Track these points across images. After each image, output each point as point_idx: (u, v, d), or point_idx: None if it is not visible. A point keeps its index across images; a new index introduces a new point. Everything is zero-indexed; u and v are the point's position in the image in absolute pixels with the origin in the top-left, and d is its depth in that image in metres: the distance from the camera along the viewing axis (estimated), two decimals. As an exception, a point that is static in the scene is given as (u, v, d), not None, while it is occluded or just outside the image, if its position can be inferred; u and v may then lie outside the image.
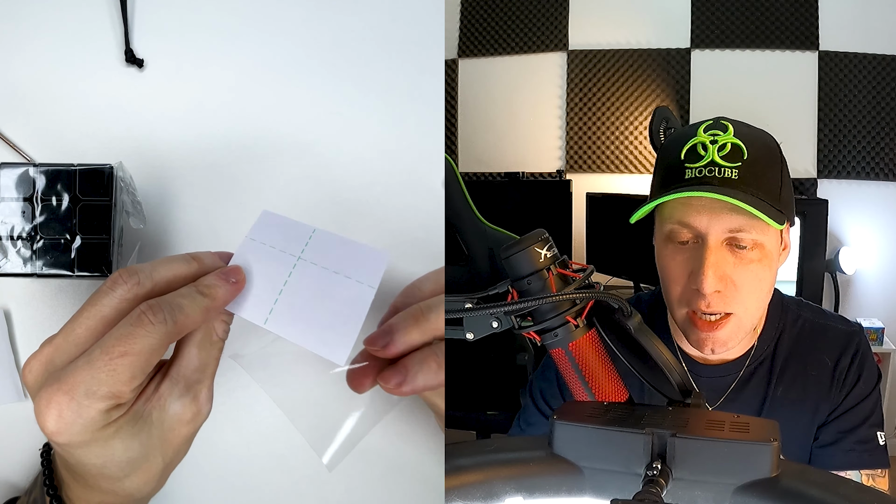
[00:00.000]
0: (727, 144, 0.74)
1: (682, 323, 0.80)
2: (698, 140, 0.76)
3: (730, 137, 0.75)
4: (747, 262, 0.76)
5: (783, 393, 0.86)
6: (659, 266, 0.82)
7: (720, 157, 0.74)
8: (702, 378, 0.88)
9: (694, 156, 0.75)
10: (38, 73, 0.70)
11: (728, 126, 0.76)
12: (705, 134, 0.76)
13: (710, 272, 0.74)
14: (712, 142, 0.75)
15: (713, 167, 0.74)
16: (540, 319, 0.55)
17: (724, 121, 0.77)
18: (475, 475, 0.49)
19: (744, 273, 0.76)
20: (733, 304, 0.77)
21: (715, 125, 0.77)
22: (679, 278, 0.78)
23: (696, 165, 0.75)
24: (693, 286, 0.76)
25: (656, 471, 0.44)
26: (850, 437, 0.85)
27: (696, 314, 0.78)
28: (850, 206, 2.77)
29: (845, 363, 0.87)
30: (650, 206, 0.78)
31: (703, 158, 0.75)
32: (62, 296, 0.68)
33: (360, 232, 0.71)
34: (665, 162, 0.79)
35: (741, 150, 0.74)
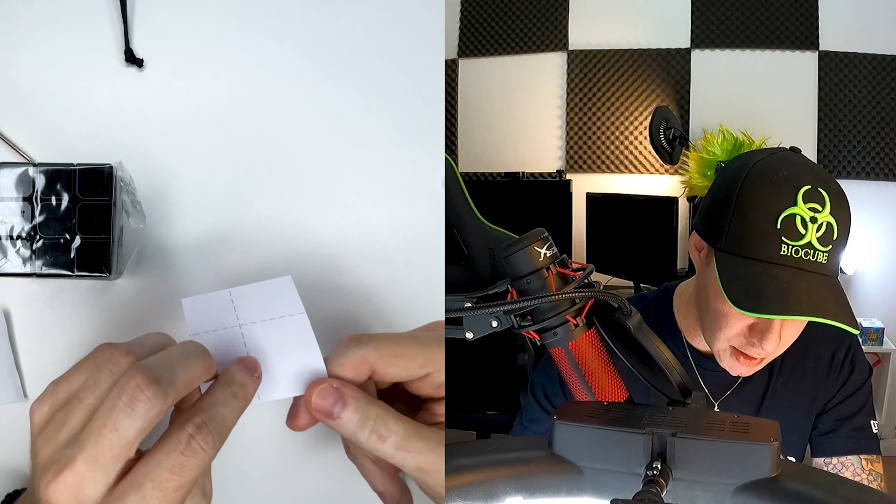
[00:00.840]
0: (824, 224, 0.72)
1: (722, 353, 0.82)
2: (798, 212, 0.72)
3: (827, 216, 0.72)
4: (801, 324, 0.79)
5: (783, 385, 0.91)
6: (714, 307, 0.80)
7: (817, 238, 0.71)
8: (708, 373, 0.91)
9: (792, 231, 0.71)
10: (38, 73, 0.70)
11: (826, 200, 0.72)
12: (805, 207, 0.72)
13: (776, 338, 0.77)
14: (812, 219, 0.72)
15: (810, 250, 0.71)
16: (539, 318, 0.55)
17: (822, 191, 0.73)
18: (475, 475, 0.49)
19: (796, 328, 0.79)
20: (778, 351, 0.81)
21: (815, 196, 0.72)
22: (737, 326, 0.78)
23: (794, 244, 0.71)
24: (753, 338, 0.78)
25: (656, 471, 0.44)
26: (847, 425, 0.91)
27: (741, 351, 0.80)
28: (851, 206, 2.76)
29: (840, 356, 0.92)
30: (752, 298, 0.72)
31: (802, 238, 0.71)
32: (62, 296, 0.68)
33: (360, 232, 0.71)
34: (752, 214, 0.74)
35: (833, 230, 0.72)
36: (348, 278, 0.70)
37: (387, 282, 0.70)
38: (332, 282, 0.70)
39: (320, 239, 0.70)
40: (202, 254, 0.69)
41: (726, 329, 0.79)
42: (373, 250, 0.71)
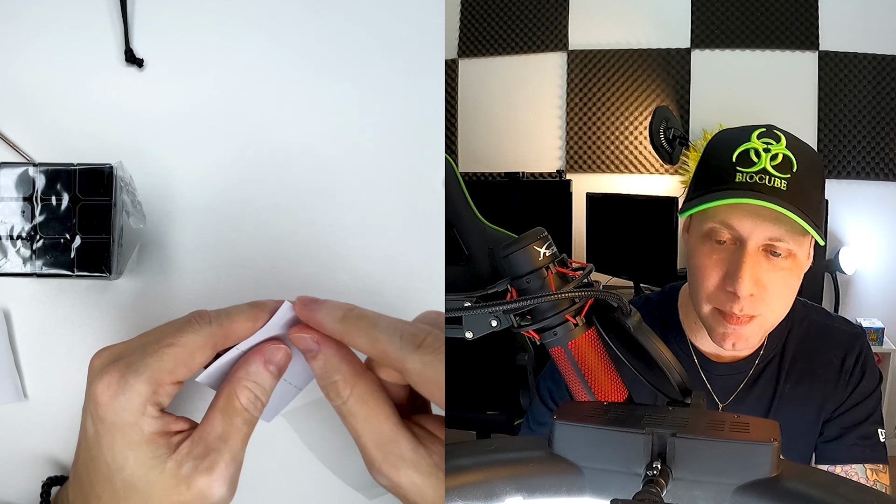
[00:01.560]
0: (779, 155, 0.75)
1: (708, 317, 0.82)
2: (752, 146, 0.76)
3: (782, 148, 0.76)
4: (779, 269, 0.78)
5: (791, 390, 0.89)
6: (691, 261, 0.83)
7: (772, 165, 0.75)
8: (714, 375, 0.90)
9: (746, 160, 0.76)
10: (38, 73, 0.70)
11: (781, 137, 0.77)
12: (759, 141, 0.77)
13: (747, 276, 0.76)
14: (765, 150, 0.76)
15: (764, 175, 0.75)
16: (539, 318, 0.55)
17: (777, 131, 0.78)
18: (475, 475, 0.49)
19: (775, 279, 0.78)
20: (762, 307, 0.79)
21: (768, 133, 0.78)
22: (712, 276, 0.79)
23: (748, 171, 0.75)
24: (728, 287, 0.78)
25: (656, 471, 0.44)
26: (853, 433, 0.89)
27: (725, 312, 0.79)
28: (850, 206, 2.77)
29: (850, 363, 0.90)
30: (704, 206, 0.78)
31: (756, 165, 0.75)
32: (62, 296, 0.68)
33: (360, 231, 0.71)
34: (713, 161, 0.80)
35: (791, 162, 0.75)
36: (348, 278, 0.70)
37: (387, 282, 0.70)
38: (332, 281, 0.70)
39: (320, 238, 0.70)
40: (202, 254, 0.69)
41: (704, 283, 0.80)
42: (373, 250, 0.71)
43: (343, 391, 0.51)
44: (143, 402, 0.49)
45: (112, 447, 0.49)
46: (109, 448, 0.49)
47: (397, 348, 0.49)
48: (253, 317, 0.52)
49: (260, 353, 0.53)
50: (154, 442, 0.49)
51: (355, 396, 0.50)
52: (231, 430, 0.51)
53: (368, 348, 0.50)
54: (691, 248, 0.83)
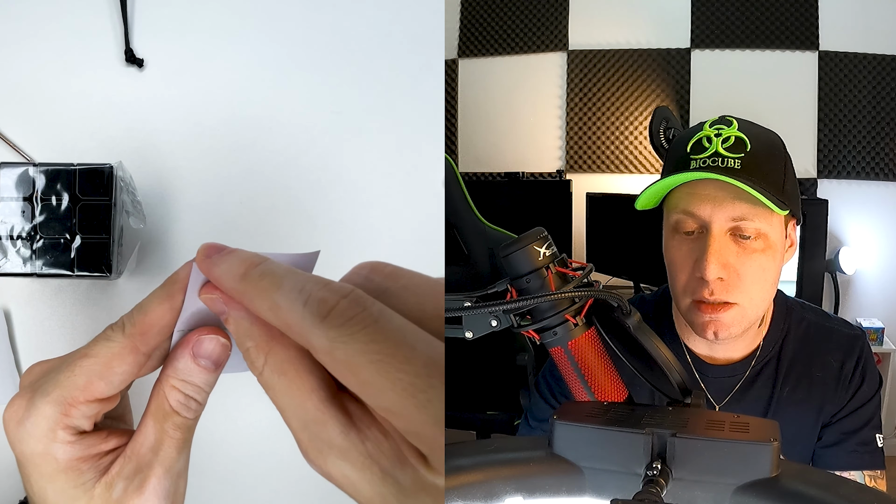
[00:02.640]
0: (731, 137, 0.77)
1: (687, 311, 0.81)
2: (703, 134, 0.78)
3: (733, 131, 0.77)
4: (750, 252, 0.77)
5: (789, 393, 0.88)
6: (666, 257, 0.84)
7: (724, 148, 0.76)
8: (708, 378, 0.89)
9: (699, 148, 0.78)
10: (38, 73, 0.70)
11: (733, 122, 0.79)
12: (710, 129, 0.79)
13: (713, 259, 0.76)
14: (717, 135, 0.78)
15: (717, 157, 0.76)
16: (539, 318, 0.55)
17: (729, 117, 0.80)
18: (475, 475, 0.49)
19: (747, 263, 0.77)
20: (736, 293, 0.78)
21: (720, 121, 0.80)
22: (684, 267, 0.80)
23: (701, 156, 0.77)
24: (697, 274, 0.78)
25: (656, 471, 0.44)
26: (852, 439, 0.87)
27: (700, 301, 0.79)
28: (850, 206, 2.76)
29: (850, 366, 0.89)
30: (654, 189, 0.80)
31: (708, 150, 0.77)
32: (62, 295, 0.68)
33: (360, 231, 0.71)
34: (672, 156, 0.82)
35: (745, 142, 0.77)
36: (348, 278, 0.70)
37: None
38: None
39: (320, 238, 0.70)
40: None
41: (678, 275, 0.81)
42: (373, 250, 0.71)
43: (257, 360, 0.41)
44: (50, 427, 0.42)
45: (29, 480, 0.43)
46: (27, 481, 0.43)
47: (299, 318, 0.37)
48: (168, 297, 0.43)
49: (187, 345, 0.44)
50: (74, 469, 0.42)
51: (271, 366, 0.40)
52: (162, 438, 0.44)
53: (270, 316, 0.39)
54: (664, 245, 0.85)
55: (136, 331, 0.43)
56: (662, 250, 0.86)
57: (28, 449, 0.42)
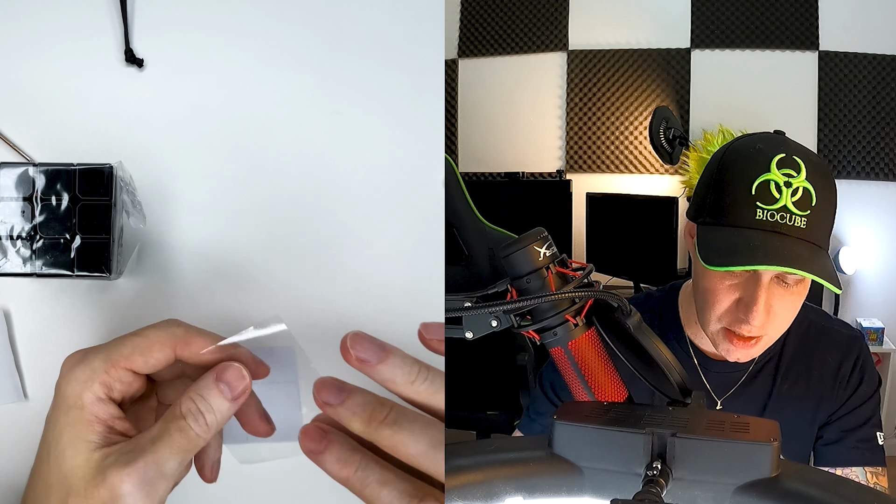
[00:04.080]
0: (800, 189, 0.73)
1: (716, 335, 0.82)
2: (772, 177, 0.74)
3: (802, 181, 0.73)
4: (789, 294, 0.78)
5: (788, 390, 0.90)
6: (702, 283, 0.82)
7: (793, 202, 0.73)
8: (711, 373, 0.91)
9: (766, 195, 0.73)
10: (38, 73, 0.70)
11: (801, 166, 0.74)
12: (780, 172, 0.74)
13: (761, 308, 0.75)
14: (786, 184, 0.73)
15: (785, 213, 0.73)
16: (539, 318, 0.55)
17: (797, 159, 0.75)
18: (475, 475, 0.49)
19: (784, 303, 0.78)
20: (769, 328, 0.79)
21: (789, 162, 0.74)
22: (724, 301, 0.79)
23: (769, 208, 0.73)
24: (740, 315, 0.77)
25: (656, 471, 0.44)
26: (852, 436, 0.89)
27: (732, 331, 0.80)
28: (850, 206, 2.77)
29: (848, 366, 0.90)
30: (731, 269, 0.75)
31: (777, 202, 0.73)
32: (62, 296, 0.68)
33: (360, 231, 0.71)
34: (731, 186, 0.76)
35: (811, 196, 0.73)
36: (348, 278, 0.70)
37: (387, 282, 0.70)
38: (332, 281, 0.70)
39: (320, 238, 0.70)
40: (202, 254, 0.69)
41: (715, 306, 0.79)
42: (373, 250, 0.71)
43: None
44: (90, 377, 0.49)
45: (55, 418, 0.50)
46: (54, 420, 0.50)
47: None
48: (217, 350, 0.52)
49: (214, 368, 0.51)
50: (90, 423, 0.49)
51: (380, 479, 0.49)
52: (162, 435, 0.49)
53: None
54: (702, 273, 0.82)
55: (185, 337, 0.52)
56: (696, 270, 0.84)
57: (69, 389, 0.49)
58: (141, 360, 0.51)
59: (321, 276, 0.70)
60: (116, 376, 0.50)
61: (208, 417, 0.50)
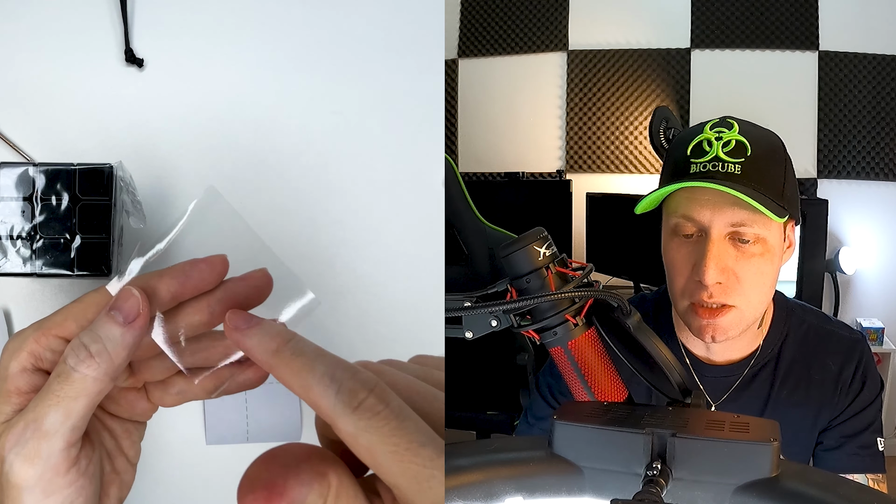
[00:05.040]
0: (731, 141, 0.77)
1: (684, 313, 0.82)
2: (704, 137, 0.78)
3: (734, 135, 0.77)
4: (749, 256, 0.77)
5: (787, 395, 0.88)
6: (664, 259, 0.84)
7: (724, 152, 0.76)
8: (706, 377, 0.89)
9: (699, 151, 0.78)
10: (38, 73, 0.70)
11: (734, 124, 0.78)
12: (711, 131, 0.78)
13: (711, 263, 0.76)
14: (717, 138, 0.77)
15: (717, 162, 0.76)
16: (539, 318, 0.55)
17: (730, 119, 0.79)
18: (475, 475, 0.49)
19: (746, 266, 0.77)
20: (735, 296, 0.78)
21: (721, 123, 0.79)
22: (683, 270, 0.80)
23: (701, 160, 0.77)
24: (696, 277, 0.78)
25: (656, 471, 0.44)
26: (853, 443, 0.87)
27: (698, 304, 0.79)
28: (850, 206, 2.76)
29: (850, 370, 0.88)
30: (654, 195, 0.80)
31: (708, 154, 0.77)
32: (62, 296, 0.68)
33: (360, 231, 0.71)
34: (672, 158, 0.82)
35: (745, 146, 0.76)
36: (348, 278, 0.70)
37: (387, 282, 0.70)
38: (333, 281, 0.70)
39: (320, 238, 0.70)
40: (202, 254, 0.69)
41: (676, 278, 0.81)
42: (373, 250, 0.71)
43: None
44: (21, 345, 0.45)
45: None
46: None
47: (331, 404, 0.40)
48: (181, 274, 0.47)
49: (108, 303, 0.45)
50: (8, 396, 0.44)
51: None
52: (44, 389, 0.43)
53: (300, 393, 0.42)
54: (663, 247, 0.85)
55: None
56: (661, 251, 0.86)
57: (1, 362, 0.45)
58: (74, 325, 0.45)
59: (322, 277, 0.70)
60: (46, 345, 0.45)
61: (93, 348, 0.43)
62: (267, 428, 0.64)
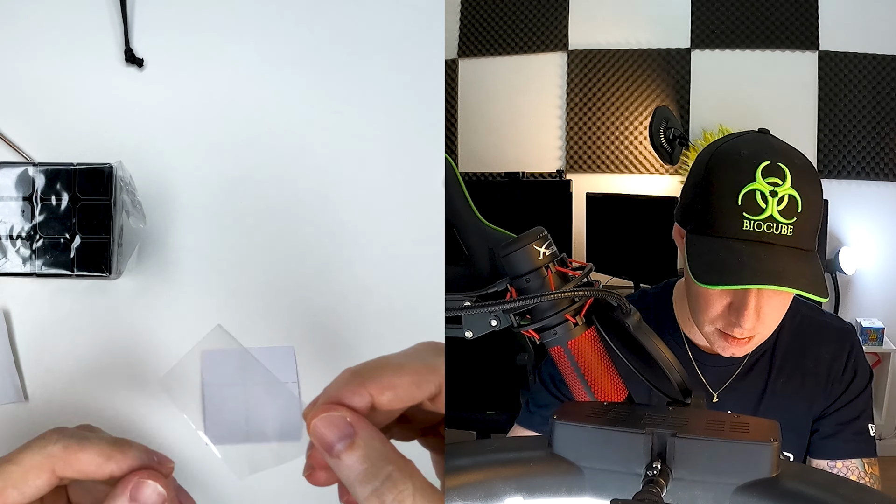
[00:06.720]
0: (785, 197, 0.73)
1: (710, 335, 0.84)
2: (758, 187, 0.73)
3: (788, 189, 0.73)
4: (779, 296, 0.79)
5: (783, 384, 0.91)
6: (694, 289, 0.83)
7: (778, 210, 0.73)
8: (706, 367, 0.92)
9: (752, 206, 0.73)
10: (38, 73, 0.70)
11: (786, 173, 0.74)
12: (765, 182, 0.74)
13: (751, 313, 0.77)
14: (772, 193, 0.73)
15: (772, 223, 0.73)
16: (539, 317, 0.55)
17: (781, 165, 0.74)
18: (475, 475, 0.49)
19: (774, 303, 0.79)
20: (761, 328, 0.80)
21: (773, 169, 0.74)
22: (716, 306, 0.80)
23: (755, 218, 0.73)
24: (732, 319, 0.79)
25: (656, 471, 0.44)
26: (848, 429, 0.91)
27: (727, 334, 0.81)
28: (850, 206, 2.77)
29: (841, 360, 0.92)
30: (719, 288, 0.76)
31: (763, 212, 0.73)
32: (62, 295, 0.68)
33: (360, 231, 0.71)
34: (717, 197, 0.76)
35: (797, 203, 0.73)
36: (348, 277, 0.70)
37: (387, 282, 0.70)
38: (333, 281, 0.70)
39: (320, 238, 0.70)
40: (202, 254, 0.69)
41: (707, 311, 0.81)
42: (373, 250, 0.71)
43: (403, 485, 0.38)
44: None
45: None
46: None
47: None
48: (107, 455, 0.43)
49: (126, 486, 0.43)
50: None
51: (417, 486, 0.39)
52: None
53: None
54: None
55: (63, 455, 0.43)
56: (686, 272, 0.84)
57: None
58: (15, 493, 0.42)
59: (321, 276, 0.70)
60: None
61: None
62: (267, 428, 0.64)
